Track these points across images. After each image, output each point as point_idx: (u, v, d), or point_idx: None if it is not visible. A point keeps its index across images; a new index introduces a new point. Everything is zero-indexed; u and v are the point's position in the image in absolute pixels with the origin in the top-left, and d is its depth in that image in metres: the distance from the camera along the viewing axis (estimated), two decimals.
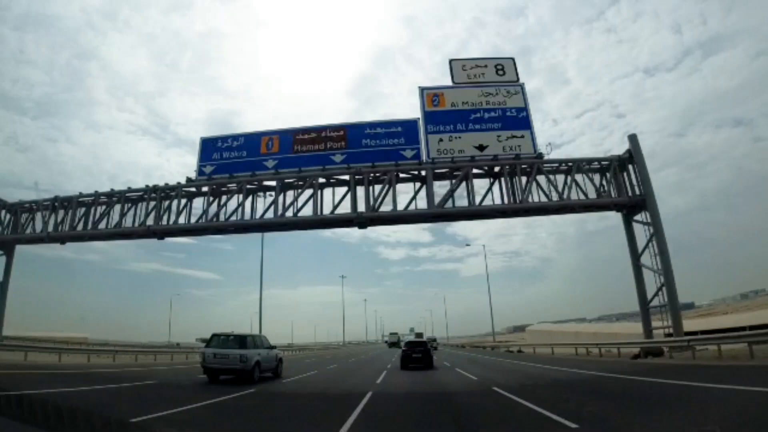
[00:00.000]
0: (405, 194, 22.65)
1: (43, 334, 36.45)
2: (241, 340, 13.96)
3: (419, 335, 64.03)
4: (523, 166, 18.99)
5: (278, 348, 17.26)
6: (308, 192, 19.72)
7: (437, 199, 18.70)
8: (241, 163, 20.60)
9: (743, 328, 19.18)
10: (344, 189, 19.48)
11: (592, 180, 19.30)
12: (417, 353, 19.76)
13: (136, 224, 21.18)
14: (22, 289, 75.41)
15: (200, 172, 21.10)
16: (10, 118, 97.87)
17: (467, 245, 68.62)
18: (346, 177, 19.41)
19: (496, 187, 19.09)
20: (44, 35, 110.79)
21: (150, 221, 20.89)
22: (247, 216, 20.06)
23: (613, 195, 19.21)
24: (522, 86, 19.96)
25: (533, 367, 17.77)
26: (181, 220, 20.80)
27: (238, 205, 20.15)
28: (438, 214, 19.08)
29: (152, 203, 21.12)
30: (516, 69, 20.18)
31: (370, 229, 20.62)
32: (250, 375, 13.29)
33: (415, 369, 18.50)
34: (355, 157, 19.65)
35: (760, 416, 5.69)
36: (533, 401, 7.90)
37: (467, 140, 19.15)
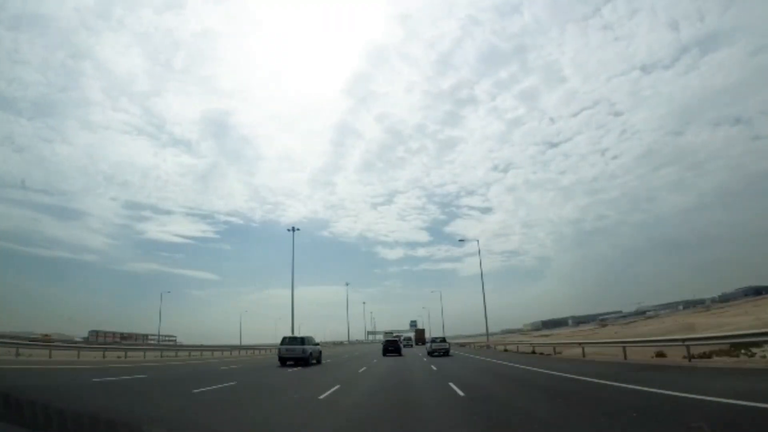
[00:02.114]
0: None
1: None
2: (301, 340, 23.29)
3: (421, 331, 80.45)
4: None
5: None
6: None
7: None
8: None
9: None
10: None
11: None
12: (392, 346, 35.25)
13: None
14: (20, 288, 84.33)
15: None
16: (6, 118, 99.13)
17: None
18: None
19: None
20: (39, 35, 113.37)
21: None
22: None
23: None
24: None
25: None
26: None
27: None
28: None
29: None
30: None
31: (368, 228, 29.43)
32: (307, 360, 21.73)
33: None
34: None
35: None
36: None
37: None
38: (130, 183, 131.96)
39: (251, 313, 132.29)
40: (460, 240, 69.31)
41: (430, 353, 31.32)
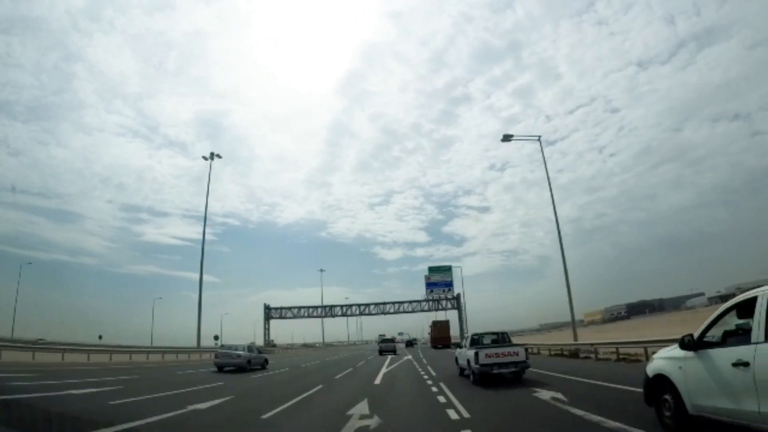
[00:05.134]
0: None
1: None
2: (392, 339, 48.00)
3: (444, 326, 57.91)
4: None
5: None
6: None
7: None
8: None
9: None
10: None
11: None
12: (411, 344, 67.96)
13: None
14: (18, 291, 79.93)
15: None
16: (0, 122, 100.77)
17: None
18: None
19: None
20: (31, 38, 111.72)
21: None
22: None
23: None
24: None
25: None
26: None
27: None
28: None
29: None
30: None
31: (365, 228, 53.49)
32: (395, 350, 40.52)
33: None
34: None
35: None
36: None
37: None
38: (126, 185, 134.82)
39: (249, 314, 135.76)
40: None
41: (473, 376, 11.83)
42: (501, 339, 14.00)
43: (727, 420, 4.16)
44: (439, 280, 67.38)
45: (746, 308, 4.20)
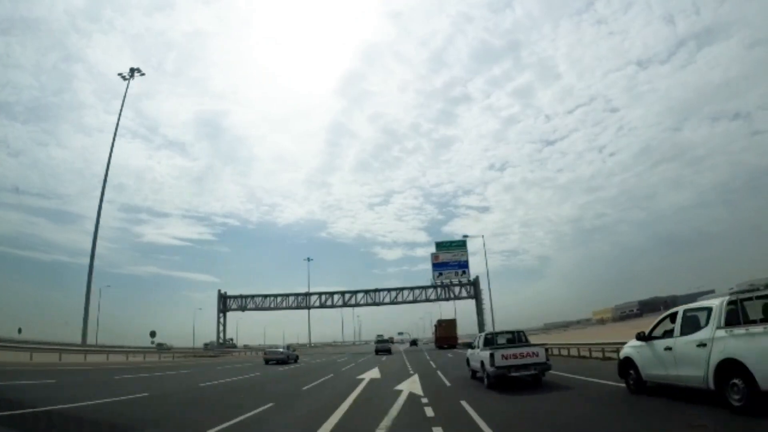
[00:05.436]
0: None
1: None
2: (390, 339, 61.86)
3: (450, 324, 53.07)
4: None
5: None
6: None
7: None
8: None
9: None
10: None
11: None
12: (415, 342, 79.16)
13: None
14: (20, 292, 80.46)
15: None
16: (0, 122, 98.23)
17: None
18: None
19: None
20: (30, 38, 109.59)
21: None
22: None
23: None
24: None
25: None
26: None
27: None
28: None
29: None
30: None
31: (365, 228, 54.44)
32: (390, 350, 44.77)
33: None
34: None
35: None
36: None
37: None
38: (125, 186, 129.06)
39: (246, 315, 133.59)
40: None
41: (488, 380, 11.10)
42: (517, 338, 13.04)
43: (661, 381, 7.69)
44: (451, 259, 51.60)
45: (673, 317, 7.56)
